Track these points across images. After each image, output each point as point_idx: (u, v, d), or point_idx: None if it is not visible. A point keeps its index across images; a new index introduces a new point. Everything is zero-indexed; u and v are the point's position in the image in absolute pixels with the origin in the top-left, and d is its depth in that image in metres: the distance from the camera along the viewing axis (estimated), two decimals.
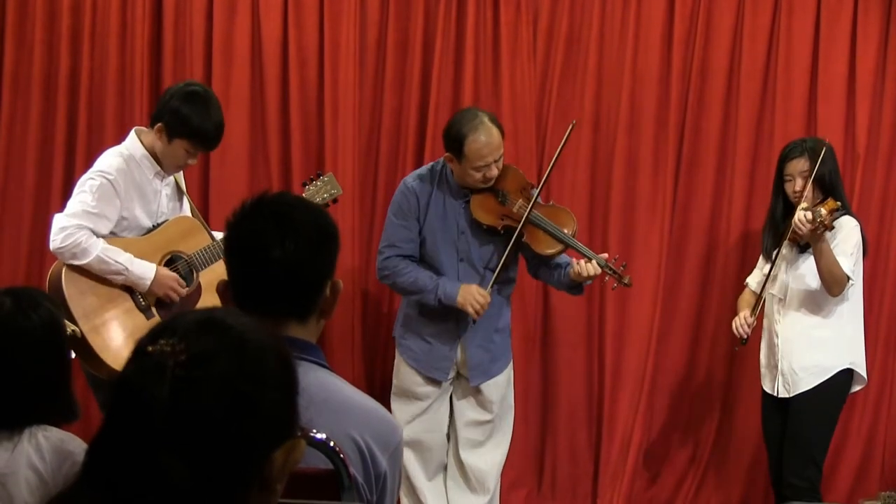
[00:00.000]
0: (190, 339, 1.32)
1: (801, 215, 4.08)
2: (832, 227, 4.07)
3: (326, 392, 2.00)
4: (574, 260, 4.26)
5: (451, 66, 5.12)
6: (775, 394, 4.35)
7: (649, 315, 5.20)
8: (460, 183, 4.27)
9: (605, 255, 4.30)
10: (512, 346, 5.16)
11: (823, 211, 4.00)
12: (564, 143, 4.30)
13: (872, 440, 5.21)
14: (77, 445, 2.34)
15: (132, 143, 4.00)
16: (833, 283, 4.20)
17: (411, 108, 5.13)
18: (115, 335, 3.86)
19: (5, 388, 2.33)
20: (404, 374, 4.43)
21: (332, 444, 1.90)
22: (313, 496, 1.88)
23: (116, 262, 3.85)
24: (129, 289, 3.92)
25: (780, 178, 4.35)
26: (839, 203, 4.16)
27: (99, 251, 3.81)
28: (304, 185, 4.36)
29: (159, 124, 3.93)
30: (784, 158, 4.34)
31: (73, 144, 5.03)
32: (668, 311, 5.23)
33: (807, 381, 4.28)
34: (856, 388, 4.41)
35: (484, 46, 5.16)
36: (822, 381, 4.28)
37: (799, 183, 4.27)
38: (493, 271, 4.26)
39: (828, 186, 4.27)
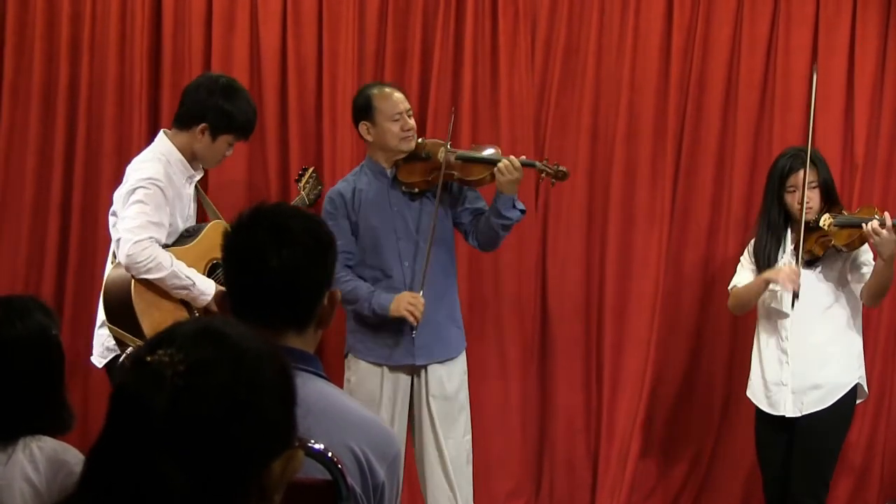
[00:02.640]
0: (188, 349, 1.33)
1: (872, 226, 4.00)
2: None
3: (324, 402, 2.00)
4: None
5: (450, 75, 5.13)
6: (783, 413, 4.26)
7: (647, 325, 5.19)
8: (385, 154, 4.30)
9: (524, 157, 4.27)
10: (509, 356, 5.18)
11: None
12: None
13: (872, 450, 5.20)
14: (72, 455, 2.33)
15: (166, 148, 3.96)
16: (882, 294, 4.19)
17: None
18: None
19: None
20: (364, 376, 4.31)
21: (329, 454, 1.90)
22: None
23: (187, 276, 3.79)
24: (186, 303, 3.86)
25: (778, 190, 4.27)
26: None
27: (174, 265, 3.75)
28: (297, 181, 4.48)
29: (203, 125, 3.91)
30: (786, 171, 4.25)
31: (72, 154, 5.03)
32: (666, 320, 5.23)
33: (822, 399, 4.21)
34: (857, 400, 4.36)
35: (482, 56, 5.16)
36: (837, 399, 4.21)
37: (805, 193, 4.20)
38: (422, 271, 4.22)
39: (831, 192, 4.24)
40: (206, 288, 3.84)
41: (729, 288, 4.53)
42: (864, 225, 4.06)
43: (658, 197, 5.20)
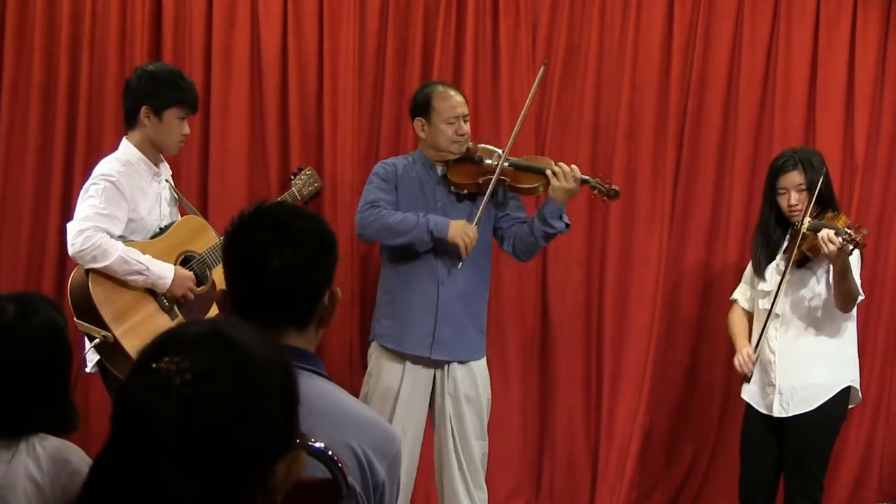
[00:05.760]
0: (195, 355, 1.32)
1: (827, 234, 3.95)
2: (865, 244, 4.00)
3: (325, 401, 2.00)
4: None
5: (451, 74, 5.13)
6: (770, 413, 4.24)
7: (648, 323, 5.20)
8: (435, 153, 4.35)
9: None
10: (510, 355, 5.17)
11: (850, 230, 3.93)
12: (535, 89, 4.43)
13: (870, 451, 5.21)
14: (75, 454, 2.33)
15: (126, 149, 4.05)
16: (849, 300, 4.14)
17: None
18: (148, 336, 3.82)
19: (5, 397, 2.32)
20: (384, 367, 4.35)
21: (330, 453, 1.90)
22: None
23: (138, 261, 3.84)
24: (152, 291, 3.92)
25: (772, 191, 4.26)
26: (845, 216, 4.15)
27: (120, 251, 3.81)
28: (290, 179, 4.51)
29: (144, 108, 4.00)
30: (777, 171, 4.24)
31: (72, 151, 5.02)
32: (666, 319, 5.23)
33: (809, 400, 4.19)
34: (850, 405, 4.32)
35: (483, 55, 5.16)
36: (824, 400, 4.19)
37: (794, 196, 4.18)
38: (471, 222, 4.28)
39: (824, 195, 4.18)
40: (164, 272, 3.90)
41: (731, 298, 4.54)
42: (818, 233, 4.03)
43: (658, 196, 5.20)
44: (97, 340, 3.76)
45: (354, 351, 5.09)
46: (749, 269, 4.49)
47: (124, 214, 3.91)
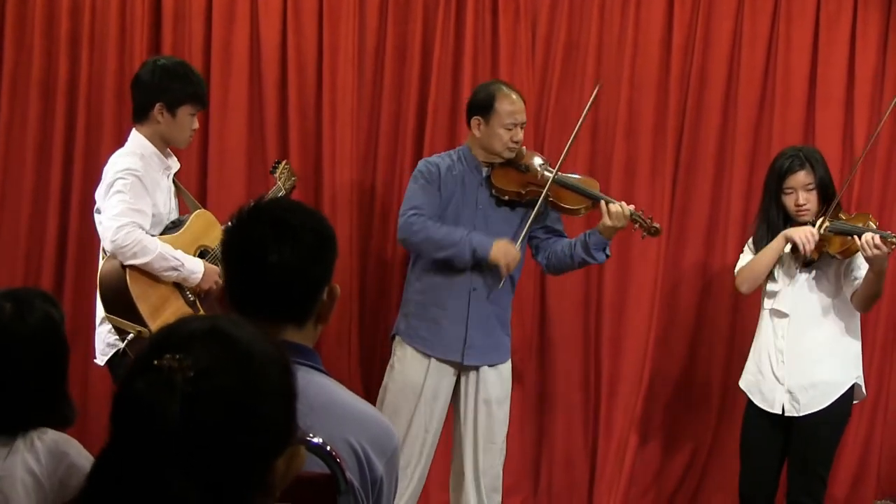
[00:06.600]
0: (196, 353, 1.33)
1: (872, 239, 3.94)
2: None
3: (324, 397, 2.01)
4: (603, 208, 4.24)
5: (450, 71, 5.13)
6: (780, 412, 4.23)
7: (646, 321, 5.20)
8: (484, 153, 4.32)
9: (633, 206, 4.29)
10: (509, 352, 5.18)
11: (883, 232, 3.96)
12: (588, 109, 4.41)
13: (869, 448, 5.21)
14: (73, 447, 2.34)
15: (140, 143, 4.01)
16: (873, 301, 4.17)
17: (409, 113, 5.13)
18: None
19: (3, 394, 2.32)
20: (410, 364, 4.34)
21: (328, 448, 1.91)
22: (310, 500, 1.88)
23: (174, 257, 3.83)
24: (178, 285, 3.91)
25: (778, 191, 4.23)
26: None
27: (160, 247, 3.80)
28: (273, 172, 4.46)
29: (158, 105, 3.97)
30: (784, 171, 4.20)
31: (72, 148, 5.03)
32: (664, 317, 5.23)
33: (818, 399, 4.18)
34: (854, 401, 4.32)
35: (482, 52, 5.16)
36: (834, 398, 4.19)
37: (802, 196, 4.17)
38: (516, 241, 4.27)
39: (830, 193, 4.19)
40: (196, 267, 3.89)
41: (735, 271, 4.45)
42: (856, 238, 4.02)
43: (657, 194, 5.20)
44: (132, 335, 3.74)
45: (353, 347, 5.10)
46: (749, 246, 4.41)
47: (149, 209, 3.89)
